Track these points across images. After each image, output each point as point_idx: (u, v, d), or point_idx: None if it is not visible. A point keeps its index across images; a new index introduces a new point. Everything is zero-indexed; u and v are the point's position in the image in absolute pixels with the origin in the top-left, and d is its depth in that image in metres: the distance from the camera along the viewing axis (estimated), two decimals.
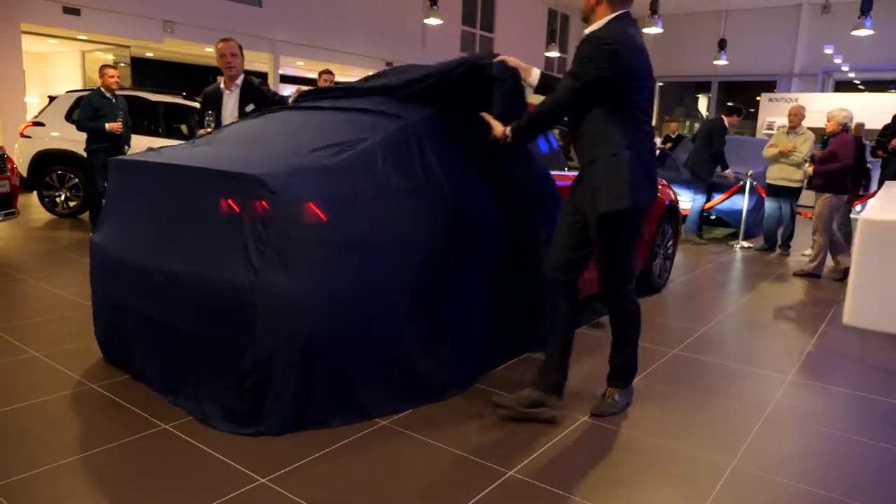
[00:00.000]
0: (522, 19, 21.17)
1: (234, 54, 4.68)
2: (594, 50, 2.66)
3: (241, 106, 4.65)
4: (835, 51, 18.71)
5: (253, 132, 3.51)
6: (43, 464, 2.39)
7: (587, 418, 3.02)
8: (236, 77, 4.72)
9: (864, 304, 0.62)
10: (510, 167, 3.36)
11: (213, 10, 13.15)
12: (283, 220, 2.58)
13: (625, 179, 2.69)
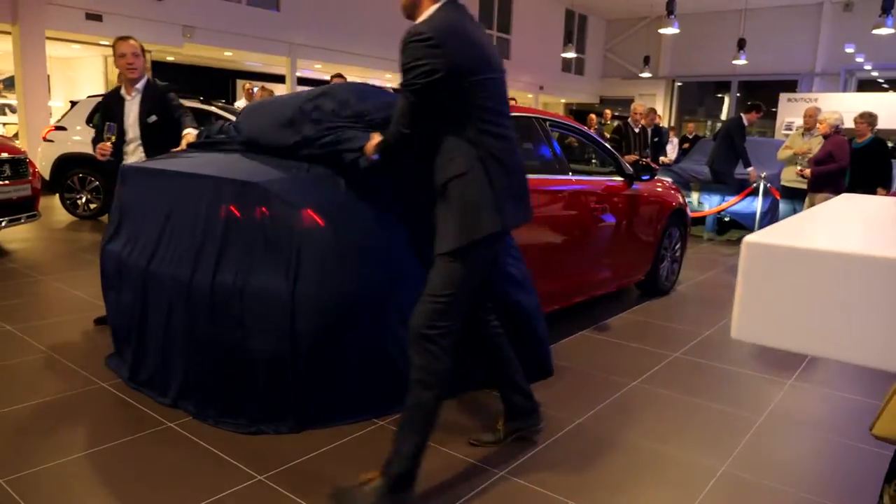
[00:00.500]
0: (539, 20, 21.16)
1: (137, 55, 4.10)
2: (413, 50, 2.19)
3: (142, 115, 4.10)
4: (857, 49, 18.45)
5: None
6: (52, 459, 2.50)
7: (581, 420, 3.07)
8: (138, 81, 4.14)
9: (749, 320, 0.66)
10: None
11: (232, 15, 13.34)
12: (289, 224, 2.68)
13: (474, 204, 2.23)
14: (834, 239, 0.75)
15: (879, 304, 0.65)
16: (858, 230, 0.89)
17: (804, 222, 0.86)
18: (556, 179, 4.07)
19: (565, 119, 4.92)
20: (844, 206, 1.08)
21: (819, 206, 1.09)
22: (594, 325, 4.62)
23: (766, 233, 0.73)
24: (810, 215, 0.95)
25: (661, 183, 5.44)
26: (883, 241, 0.78)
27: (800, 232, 0.79)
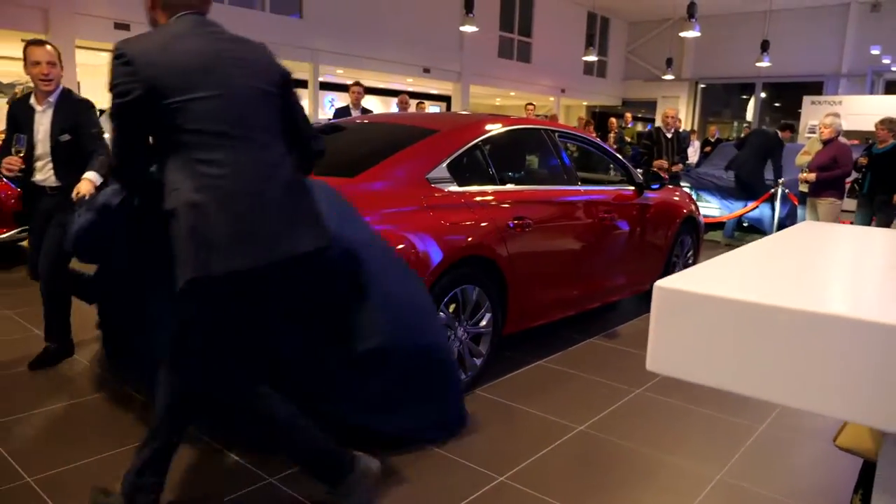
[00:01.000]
0: (561, 23, 21.18)
1: (53, 63, 3.57)
2: (111, 70, 1.98)
3: (54, 131, 3.59)
4: (883, 51, 18.20)
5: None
6: (78, 459, 2.65)
7: (583, 427, 3.14)
8: (53, 92, 3.61)
9: (660, 355, 0.73)
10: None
11: (255, 22, 13.59)
12: None
13: (183, 244, 1.93)
14: (736, 285, 0.83)
15: (769, 345, 0.74)
16: (771, 273, 0.96)
17: (723, 265, 0.93)
18: (564, 190, 4.15)
19: (574, 129, 5.00)
20: (783, 243, 1.15)
21: (757, 244, 1.16)
22: (603, 332, 4.68)
23: (677, 278, 0.81)
24: (736, 256, 1.03)
25: (673, 190, 5.48)
26: (784, 288, 0.86)
27: (709, 276, 0.87)
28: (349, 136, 4.04)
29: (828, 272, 1.02)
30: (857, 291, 0.92)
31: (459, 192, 3.40)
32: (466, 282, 3.34)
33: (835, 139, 6.66)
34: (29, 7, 10.49)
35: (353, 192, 3.03)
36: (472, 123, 3.83)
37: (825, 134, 6.67)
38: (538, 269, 3.84)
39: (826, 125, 6.67)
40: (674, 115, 8.25)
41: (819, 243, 1.18)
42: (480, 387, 3.55)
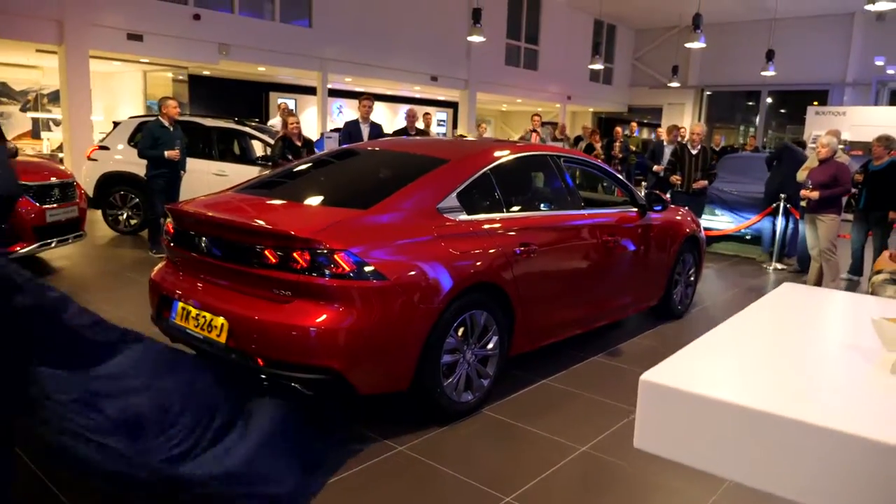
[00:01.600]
0: (567, 30, 21.32)
1: None
2: None
3: None
4: (888, 61, 18.27)
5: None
6: None
7: (585, 448, 3.29)
8: None
9: (647, 437, 0.86)
10: None
11: (266, 32, 13.79)
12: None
13: None
14: (712, 381, 0.96)
15: (738, 437, 0.88)
16: (746, 365, 1.09)
17: (705, 350, 1.07)
18: (569, 215, 4.30)
19: (578, 154, 5.15)
20: (762, 319, 1.27)
21: (738, 320, 1.28)
22: (605, 350, 4.82)
23: (661, 371, 0.95)
24: (718, 339, 1.16)
25: (675, 210, 5.62)
26: (757, 386, 0.99)
27: (690, 367, 1.01)
28: (361, 164, 4.20)
29: (796, 366, 1.14)
30: (817, 394, 1.04)
31: (468, 220, 3.55)
32: (475, 307, 3.48)
33: (831, 158, 6.78)
34: (44, 19, 10.68)
35: (366, 224, 3.20)
36: (480, 152, 3.98)
37: (822, 153, 6.78)
38: (544, 293, 3.98)
39: (823, 144, 6.79)
40: (700, 131, 8.12)
41: (795, 323, 1.31)
42: (487, 406, 3.70)
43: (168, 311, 3.53)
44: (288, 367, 3.01)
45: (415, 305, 3.16)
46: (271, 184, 4.09)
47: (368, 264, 3.02)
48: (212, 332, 3.21)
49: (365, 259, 3.01)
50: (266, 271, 3.07)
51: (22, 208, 5.92)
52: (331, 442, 3.12)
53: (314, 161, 4.42)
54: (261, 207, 3.53)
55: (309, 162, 4.40)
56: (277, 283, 3.05)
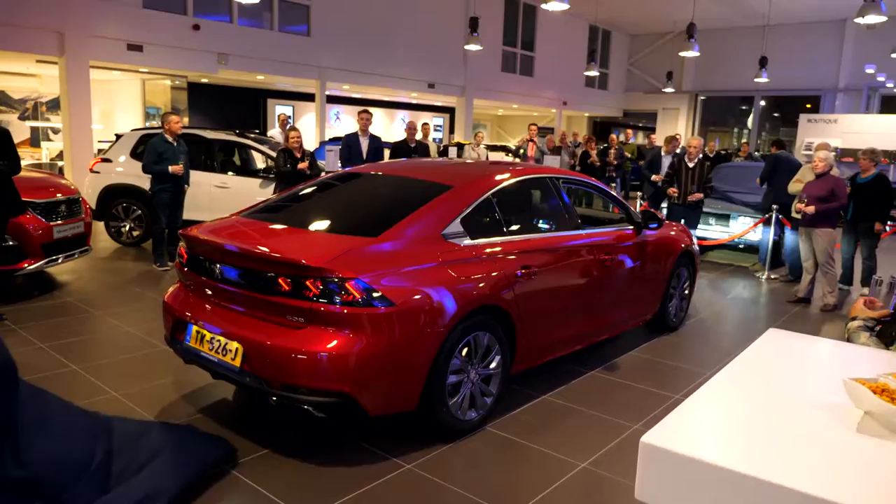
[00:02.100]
0: (563, 36, 21.51)
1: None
2: None
3: None
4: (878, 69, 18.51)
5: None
6: None
7: (585, 465, 3.43)
8: None
9: (647, 491, 0.98)
10: None
11: (264, 41, 13.92)
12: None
13: None
14: (704, 444, 1.10)
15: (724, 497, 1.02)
16: (735, 427, 1.21)
17: (699, 408, 1.20)
18: (568, 236, 4.44)
19: (577, 175, 5.30)
20: (750, 372, 1.40)
21: (728, 374, 1.41)
22: (604, 364, 4.97)
23: (659, 433, 1.08)
24: (707, 396, 1.29)
25: (669, 226, 5.77)
26: (746, 451, 1.11)
27: (684, 428, 1.14)
28: (366, 189, 4.34)
29: (775, 426, 1.25)
30: (790, 455, 1.15)
31: (472, 245, 3.69)
32: (479, 329, 3.62)
33: (827, 173, 6.93)
34: (46, 31, 10.80)
35: (375, 252, 3.33)
36: (482, 178, 4.12)
37: (819, 167, 6.92)
38: (544, 312, 4.13)
39: (821, 158, 6.93)
40: (697, 145, 8.14)
41: (778, 379, 1.44)
42: (491, 423, 3.84)
43: (182, 334, 3.66)
44: (300, 391, 3.14)
45: (422, 330, 3.29)
46: (279, 209, 4.22)
47: (378, 291, 3.15)
48: (226, 356, 3.34)
49: (374, 286, 3.15)
50: (279, 298, 3.20)
51: (29, 225, 6.03)
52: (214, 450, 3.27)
53: (319, 185, 4.55)
54: (272, 235, 3.66)
55: (314, 186, 4.53)
56: (290, 309, 3.18)
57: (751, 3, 18.49)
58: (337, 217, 3.93)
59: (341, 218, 3.90)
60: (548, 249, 4.20)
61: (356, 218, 3.86)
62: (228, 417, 3.85)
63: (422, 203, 3.71)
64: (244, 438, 3.54)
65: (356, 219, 3.84)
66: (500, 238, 3.92)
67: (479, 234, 3.80)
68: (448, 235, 3.61)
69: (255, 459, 3.33)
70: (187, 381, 4.28)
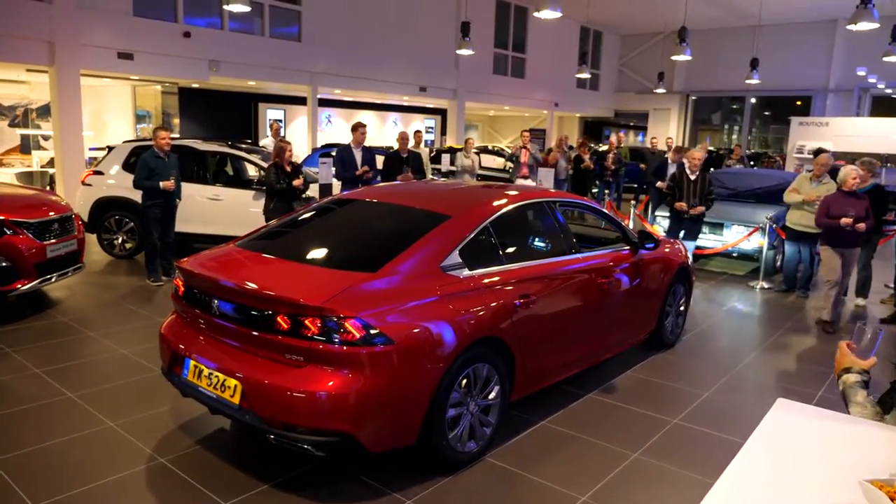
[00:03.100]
0: (554, 38, 21.50)
1: None
2: None
3: None
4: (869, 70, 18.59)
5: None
6: None
7: (584, 499, 3.43)
8: None
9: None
10: None
11: (256, 48, 13.84)
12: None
13: None
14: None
15: None
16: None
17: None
18: (565, 261, 4.43)
19: (573, 197, 5.31)
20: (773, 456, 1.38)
21: (734, 472, 1.38)
22: (601, 386, 4.97)
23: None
24: (730, 493, 1.27)
25: (664, 243, 5.77)
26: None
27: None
28: (362, 218, 4.31)
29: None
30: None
31: (471, 276, 3.68)
32: (478, 360, 3.62)
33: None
34: (36, 40, 10.70)
35: (374, 289, 3.31)
36: (480, 205, 4.11)
37: (854, 184, 6.74)
38: (543, 339, 4.12)
39: (859, 174, 6.80)
40: (700, 157, 8.02)
41: (790, 471, 1.41)
42: (490, 452, 3.84)
43: (180, 368, 3.63)
44: (300, 430, 3.13)
45: (422, 365, 3.29)
46: (275, 238, 4.20)
47: (377, 329, 3.14)
48: (224, 392, 3.32)
49: (374, 324, 3.13)
50: (278, 336, 3.18)
51: (22, 245, 5.98)
52: None
53: (316, 212, 4.51)
54: (269, 270, 3.64)
55: (311, 212, 4.49)
56: (289, 348, 3.16)
57: (742, 4, 18.54)
58: (334, 250, 3.91)
59: (338, 251, 3.88)
60: (546, 276, 4.20)
61: (354, 251, 3.84)
62: (226, 451, 3.83)
63: (420, 234, 3.69)
64: (243, 473, 3.53)
65: (354, 252, 3.82)
66: (498, 267, 3.91)
67: (478, 265, 3.79)
68: (447, 268, 3.60)
69: (254, 496, 3.31)
70: (184, 410, 4.25)
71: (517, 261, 4.10)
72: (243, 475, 3.51)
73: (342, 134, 18.98)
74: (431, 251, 3.62)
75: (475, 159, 11.70)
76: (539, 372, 4.20)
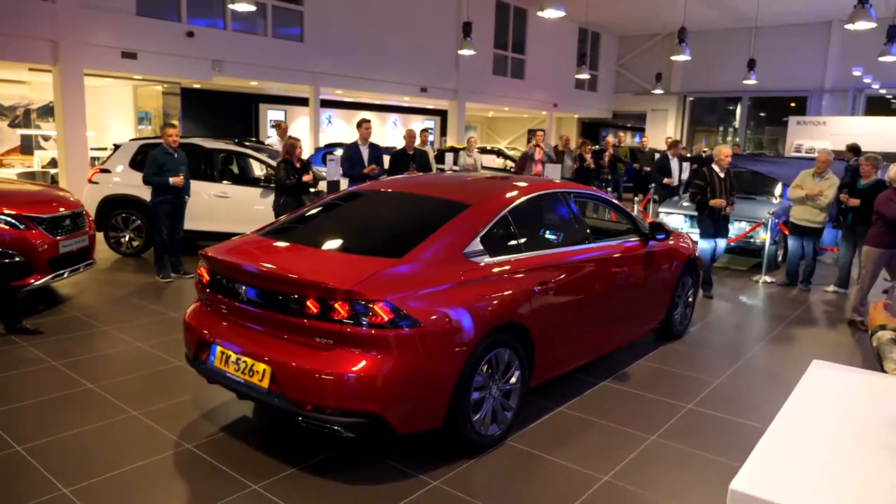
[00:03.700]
0: (553, 39, 21.62)
1: None
2: None
3: None
4: (865, 70, 18.76)
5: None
6: None
7: (607, 478, 3.49)
8: None
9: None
10: None
11: (259, 48, 13.89)
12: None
13: None
14: (801, 494, 1.14)
15: None
16: (803, 471, 1.25)
17: (777, 455, 1.24)
18: (580, 249, 4.50)
19: (586, 189, 5.38)
20: (811, 413, 1.45)
21: (782, 422, 1.44)
22: (614, 374, 5.04)
23: (745, 480, 1.14)
24: (773, 441, 1.33)
25: (673, 234, 5.85)
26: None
27: (773, 475, 1.19)
28: (383, 206, 4.37)
29: (842, 469, 1.29)
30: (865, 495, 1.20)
31: (491, 263, 3.74)
32: (499, 345, 3.68)
33: None
34: (40, 39, 10.72)
35: (400, 274, 3.37)
36: (499, 195, 4.18)
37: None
38: (560, 326, 4.19)
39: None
40: (729, 154, 7.77)
41: (836, 419, 1.48)
42: (511, 437, 3.90)
43: (206, 354, 3.68)
44: (330, 412, 3.18)
45: (447, 348, 3.35)
46: (296, 228, 4.25)
47: (404, 312, 3.20)
48: (253, 377, 3.37)
49: (401, 308, 3.19)
50: (307, 320, 3.24)
51: (36, 240, 6.01)
52: None
53: (334, 203, 4.57)
54: (296, 256, 3.70)
55: (330, 204, 4.56)
56: (318, 331, 3.21)
57: (739, 6, 18.68)
58: (358, 238, 3.97)
59: (363, 238, 3.94)
60: (562, 264, 4.27)
61: (378, 238, 3.90)
62: (251, 437, 3.88)
63: (441, 222, 3.76)
64: (269, 457, 3.58)
65: (378, 239, 3.88)
66: (517, 255, 3.97)
67: (498, 252, 3.85)
68: (469, 254, 3.67)
69: (282, 479, 3.36)
70: (207, 398, 4.30)
71: (534, 249, 4.17)
72: (270, 459, 3.56)
73: (342, 134, 19.04)
74: (454, 238, 3.68)
75: (478, 158, 11.79)
76: (557, 358, 4.26)
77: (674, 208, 9.90)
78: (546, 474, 3.54)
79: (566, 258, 4.36)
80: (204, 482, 3.35)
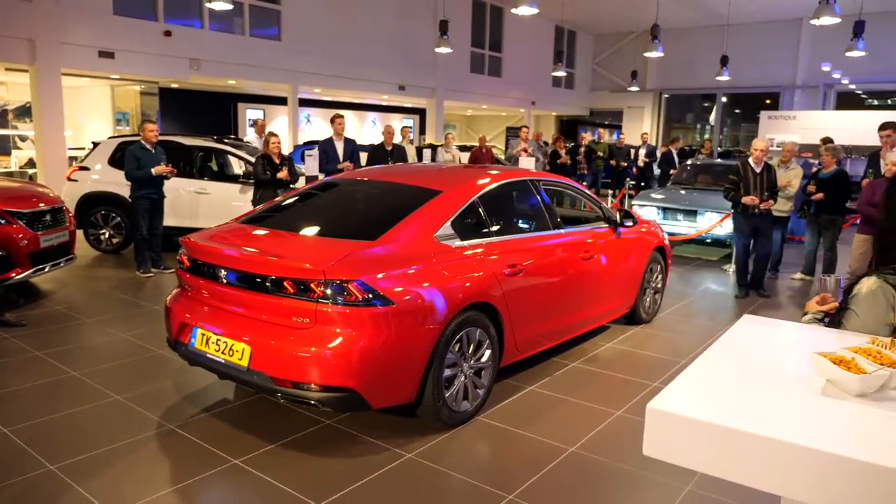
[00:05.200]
0: (530, 37, 21.84)
1: None
2: None
3: None
4: (834, 66, 19.21)
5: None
6: (137, 499, 3.09)
7: (573, 449, 3.67)
8: None
9: (654, 447, 1.22)
10: None
11: (236, 47, 13.96)
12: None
13: None
14: (709, 408, 1.33)
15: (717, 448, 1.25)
16: (721, 393, 1.44)
17: (688, 384, 1.43)
18: (549, 235, 4.69)
19: (555, 177, 5.56)
20: (733, 354, 1.63)
21: (708, 357, 1.64)
22: (584, 356, 5.23)
23: (662, 400, 1.31)
24: (697, 372, 1.52)
25: (642, 223, 6.06)
26: (732, 410, 1.35)
27: (682, 397, 1.37)
28: (358, 194, 4.53)
29: (756, 393, 1.49)
30: (769, 413, 1.40)
31: (462, 246, 3.91)
32: (470, 324, 3.84)
33: None
34: (16, 38, 10.72)
35: (374, 255, 3.53)
36: (468, 182, 4.35)
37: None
38: (529, 308, 4.37)
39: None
40: (763, 148, 7.27)
41: (754, 357, 1.68)
42: (483, 413, 4.06)
43: (186, 337, 3.81)
44: (308, 388, 3.33)
45: (419, 326, 3.51)
46: (276, 216, 4.39)
47: (378, 291, 3.35)
48: (233, 357, 3.51)
49: (374, 287, 3.35)
50: (285, 300, 3.38)
51: (16, 235, 6.09)
52: None
53: (312, 192, 4.72)
54: (274, 241, 3.84)
55: (307, 193, 4.70)
56: (296, 310, 3.36)
57: (711, 4, 19.04)
58: (334, 222, 4.13)
59: (339, 223, 4.10)
60: (531, 248, 4.45)
61: (353, 223, 4.06)
62: (232, 417, 4.01)
63: (414, 208, 3.92)
64: (250, 435, 3.72)
65: (353, 224, 4.04)
66: (487, 239, 4.15)
67: (468, 236, 4.02)
68: (440, 237, 3.83)
69: (262, 454, 3.50)
70: (187, 382, 4.43)
71: (504, 234, 4.35)
72: (250, 437, 3.70)
73: (322, 133, 19.10)
74: (426, 222, 3.85)
75: (456, 154, 11.97)
76: (527, 338, 4.43)
77: (647, 201, 10.15)
78: (516, 446, 3.71)
79: (535, 243, 4.54)
80: (186, 458, 3.47)
